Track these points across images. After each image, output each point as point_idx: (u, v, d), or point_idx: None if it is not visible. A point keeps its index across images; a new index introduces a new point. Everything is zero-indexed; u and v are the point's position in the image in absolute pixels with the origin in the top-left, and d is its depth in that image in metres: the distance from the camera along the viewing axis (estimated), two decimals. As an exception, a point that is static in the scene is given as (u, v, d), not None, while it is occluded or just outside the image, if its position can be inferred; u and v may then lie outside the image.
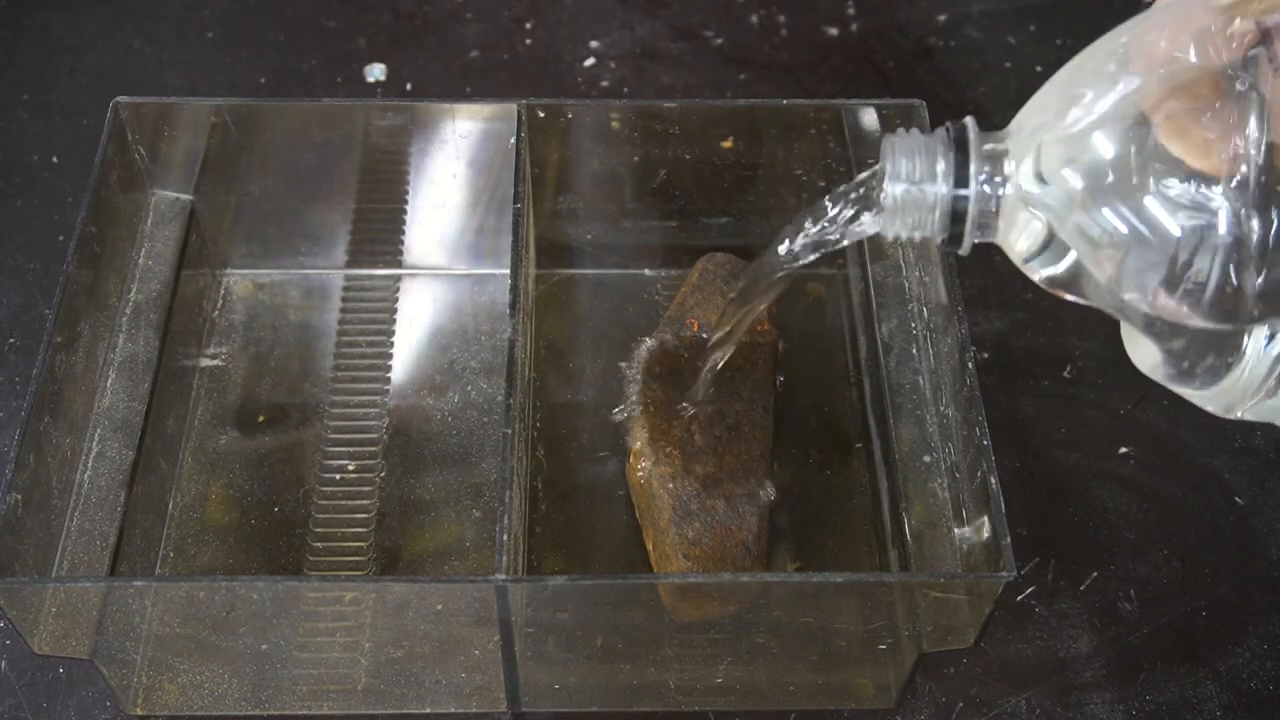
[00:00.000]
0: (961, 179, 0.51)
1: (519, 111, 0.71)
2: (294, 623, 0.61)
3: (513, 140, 0.71)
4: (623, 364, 0.73)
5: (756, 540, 0.66)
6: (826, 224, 0.57)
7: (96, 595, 0.59)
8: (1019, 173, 0.51)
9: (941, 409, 0.66)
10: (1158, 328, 0.49)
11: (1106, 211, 0.47)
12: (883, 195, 0.53)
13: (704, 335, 0.72)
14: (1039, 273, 0.51)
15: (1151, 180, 0.47)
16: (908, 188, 0.52)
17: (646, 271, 0.79)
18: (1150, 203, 0.47)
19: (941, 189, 0.52)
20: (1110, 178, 0.47)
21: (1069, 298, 0.51)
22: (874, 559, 0.69)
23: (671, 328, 0.73)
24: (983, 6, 0.95)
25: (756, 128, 0.74)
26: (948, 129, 0.52)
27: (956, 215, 0.52)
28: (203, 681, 0.63)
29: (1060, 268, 0.50)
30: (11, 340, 0.77)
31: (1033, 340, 0.78)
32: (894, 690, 0.64)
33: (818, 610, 0.59)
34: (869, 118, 0.72)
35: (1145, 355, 0.52)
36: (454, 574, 0.68)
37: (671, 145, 0.74)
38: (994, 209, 0.51)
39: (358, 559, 0.69)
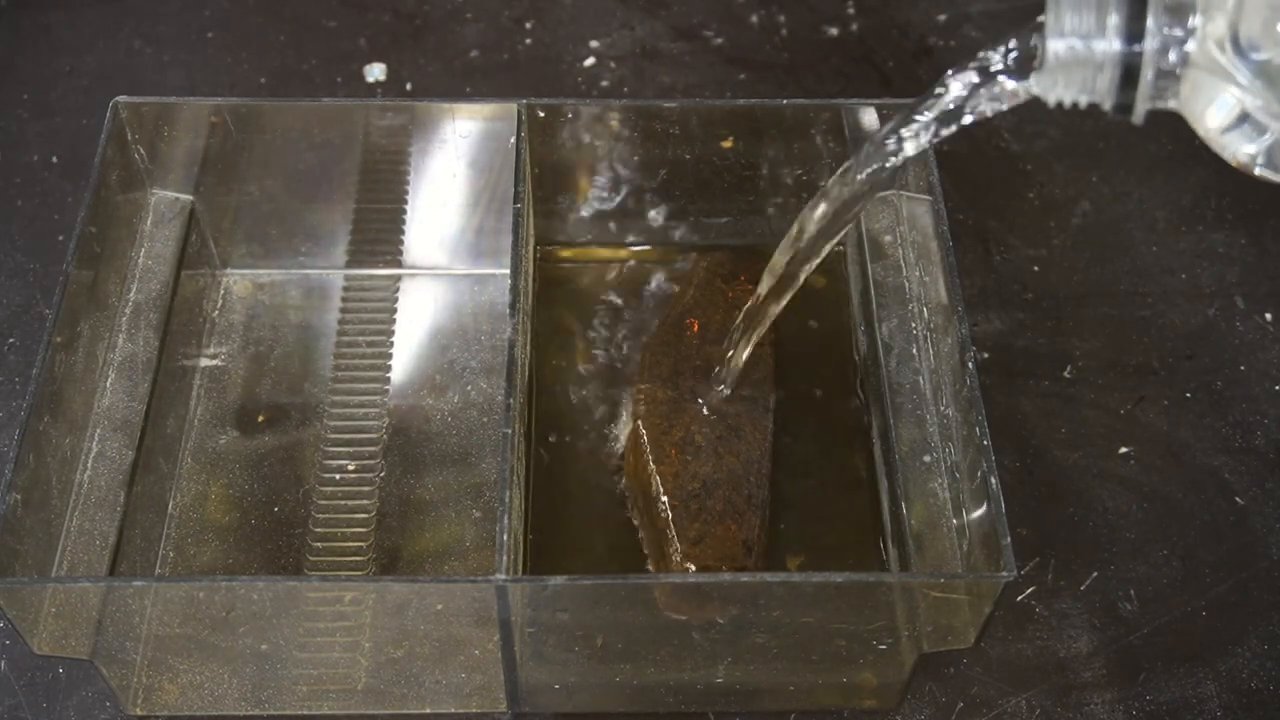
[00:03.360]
0: (1136, 33, 0.44)
1: (519, 111, 0.71)
2: (294, 623, 0.61)
3: (513, 140, 0.71)
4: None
5: (756, 540, 0.66)
6: (975, 86, 0.50)
7: (96, 595, 0.59)
8: (1210, 30, 0.43)
9: (941, 409, 0.66)
10: None
11: None
12: (1044, 52, 0.46)
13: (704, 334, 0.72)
14: (1239, 149, 0.44)
15: None
16: (1073, 43, 0.45)
17: (647, 269, 0.79)
18: None
19: (1113, 45, 0.45)
20: None
21: (1271, 177, 0.45)
22: (874, 559, 0.69)
23: (672, 328, 0.73)
24: (983, 6, 0.95)
25: (756, 128, 0.74)
26: None
27: (1129, 77, 0.45)
28: (203, 681, 0.63)
29: (1266, 142, 0.44)
30: (11, 340, 0.77)
31: (1033, 340, 0.78)
32: (894, 690, 0.64)
33: (818, 610, 0.59)
34: (869, 118, 0.72)
35: None
36: (454, 574, 0.68)
37: (671, 145, 0.74)
38: (1175, 70, 0.44)
39: (358, 559, 0.69)
